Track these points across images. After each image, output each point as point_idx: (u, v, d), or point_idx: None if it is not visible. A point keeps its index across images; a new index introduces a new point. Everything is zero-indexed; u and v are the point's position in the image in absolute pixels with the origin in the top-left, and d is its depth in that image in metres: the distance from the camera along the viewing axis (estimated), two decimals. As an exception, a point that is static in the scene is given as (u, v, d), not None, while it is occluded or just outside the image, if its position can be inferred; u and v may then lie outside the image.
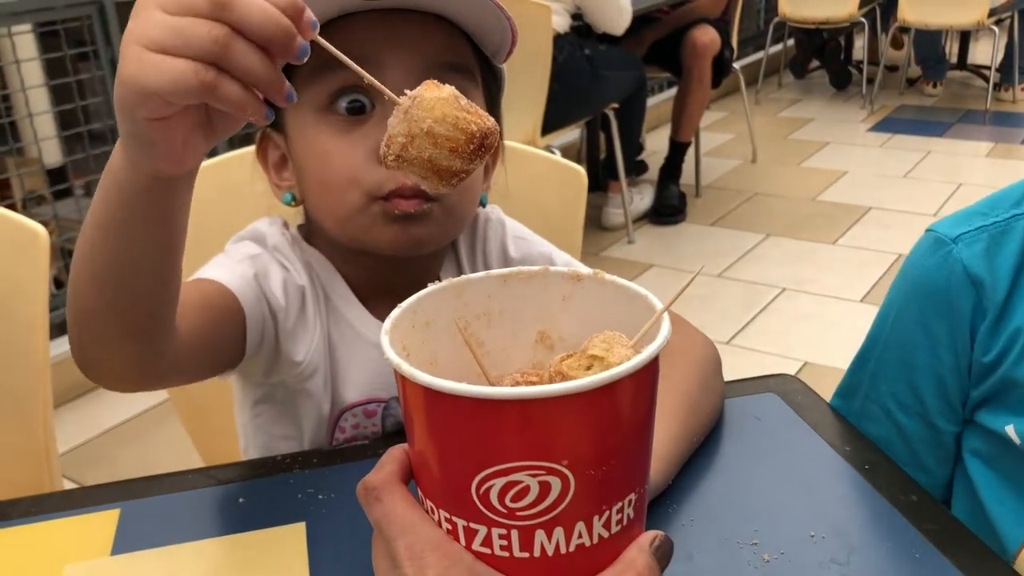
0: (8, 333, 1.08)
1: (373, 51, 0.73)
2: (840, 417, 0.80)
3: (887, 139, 4.54)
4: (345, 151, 0.75)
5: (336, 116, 0.75)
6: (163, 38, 0.45)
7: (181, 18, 0.45)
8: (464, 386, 0.41)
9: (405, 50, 0.74)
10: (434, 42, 0.75)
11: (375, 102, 0.75)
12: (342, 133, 0.75)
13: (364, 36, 0.73)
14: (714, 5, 3.60)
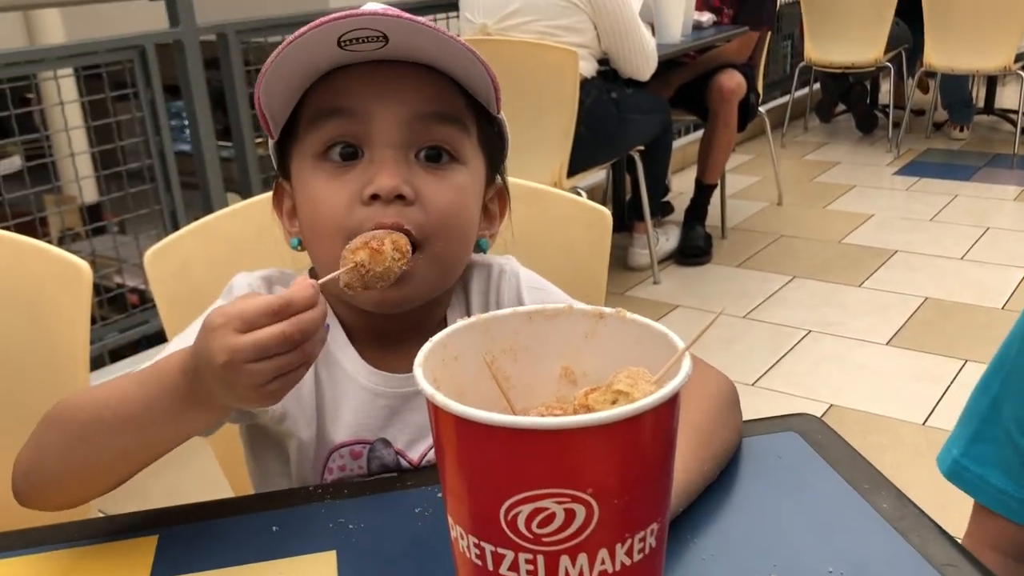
0: (51, 365, 1.12)
1: (361, 104, 0.76)
2: (859, 456, 0.81)
3: (914, 183, 4.55)
4: (331, 196, 0.77)
5: (329, 163, 0.78)
6: (257, 355, 0.59)
7: (258, 335, 0.59)
8: (496, 415, 0.43)
9: (393, 102, 0.76)
10: (423, 93, 0.77)
11: (364, 148, 0.77)
12: (332, 178, 0.78)
13: (353, 88, 0.76)
14: (740, 50, 3.64)
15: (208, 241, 1.20)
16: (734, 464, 0.79)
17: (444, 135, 0.78)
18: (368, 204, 0.75)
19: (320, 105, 0.77)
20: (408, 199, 0.76)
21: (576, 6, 2.85)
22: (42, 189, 2.92)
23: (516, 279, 0.91)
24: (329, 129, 0.77)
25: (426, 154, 0.78)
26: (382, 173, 0.75)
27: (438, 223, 0.77)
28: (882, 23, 4.74)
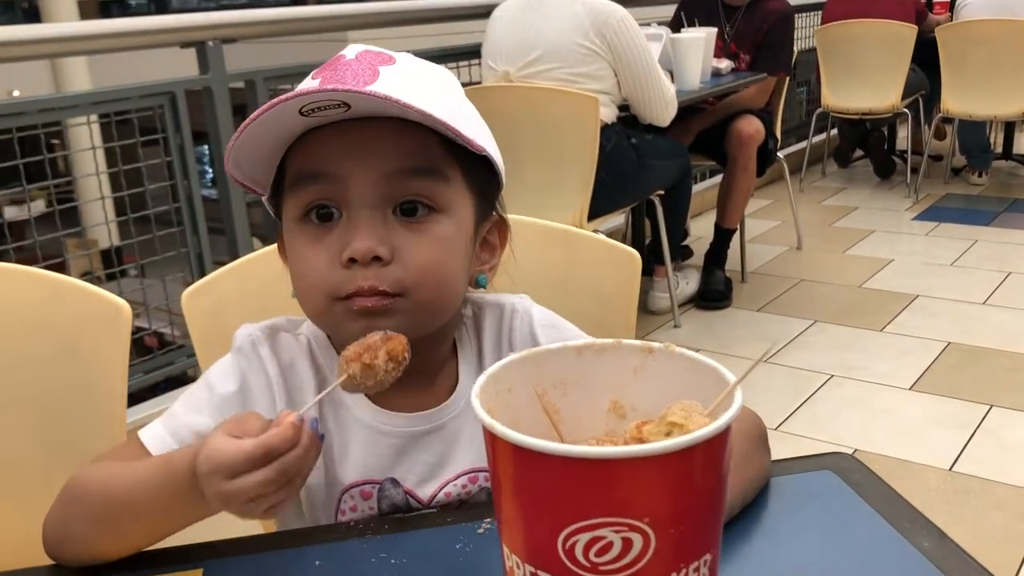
0: (91, 401, 1.13)
1: (334, 166, 0.77)
2: (898, 495, 0.81)
3: (933, 227, 4.55)
4: (312, 258, 0.78)
5: (309, 225, 0.79)
6: (248, 498, 0.65)
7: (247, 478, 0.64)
8: (554, 444, 0.44)
9: (366, 161, 0.76)
10: (396, 149, 0.77)
11: (342, 209, 0.78)
12: (312, 240, 0.78)
13: (326, 151, 0.77)
14: (758, 96, 3.68)
15: (242, 281, 1.22)
16: (772, 501, 0.80)
17: (421, 188, 0.78)
18: (347, 267, 0.76)
19: (297, 169, 0.79)
20: (385, 259, 0.76)
21: (597, 54, 2.90)
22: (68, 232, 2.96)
23: (529, 317, 0.91)
24: (306, 193, 0.78)
25: (403, 208, 0.78)
26: (357, 236, 0.76)
27: (418, 278, 0.78)
28: (899, 70, 4.78)
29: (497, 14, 3.10)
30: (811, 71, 5.54)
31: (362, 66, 0.77)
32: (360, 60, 0.78)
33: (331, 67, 0.79)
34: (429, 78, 0.81)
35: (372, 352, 0.71)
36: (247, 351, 0.85)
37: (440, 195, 0.79)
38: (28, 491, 1.15)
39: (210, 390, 0.83)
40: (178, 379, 3.34)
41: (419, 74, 0.80)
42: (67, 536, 0.78)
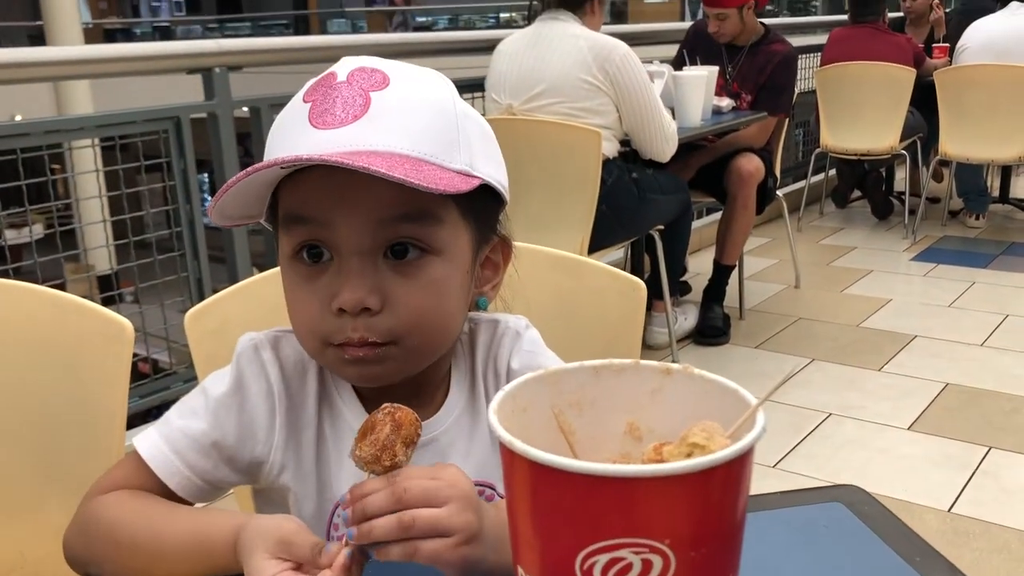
0: (90, 421, 1.12)
1: (323, 212, 0.75)
2: (909, 529, 0.81)
3: (931, 268, 4.56)
4: (304, 300, 0.77)
5: (301, 264, 0.77)
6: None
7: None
8: (574, 462, 0.44)
9: (352, 209, 0.74)
10: (385, 195, 0.73)
11: (332, 253, 0.76)
12: (304, 281, 0.77)
13: (315, 196, 0.75)
14: (759, 135, 3.71)
15: (246, 303, 1.21)
16: (781, 532, 0.79)
17: (412, 231, 0.76)
18: (337, 316, 0.75)
19: (287, 211, 0.77)
20: (375, 309, 0.75)
21: (600, 89, 2.92)
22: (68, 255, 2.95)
23: (517, 340, 0.89)
24: (297, 234, 0.77)
25: (394, 250, 0.76)
26: (346, 286, 0.74)
27: (409, 324, 0.76)
28: (897, 112, 4.82)
29: (501, 48, 3.13)
30: (809, 112, 5.59)
31: (352, 92, 0.75)
32: (351, 84, 0.75)
33: (322, 90, 0.76)
34: (422, 103, 0.77)
35: (390, 451, 0.67)
36: (248, 354, 0.84)
37: (433, 237, 0.77)
38: (23, 511, 1.14)
39: (205, 394, 0.82)
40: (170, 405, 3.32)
41: (411, 98, 0.77)
42: (92, 561, 0.79)
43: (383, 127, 0.73)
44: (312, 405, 0.84)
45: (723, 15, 3.69)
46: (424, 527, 0.64)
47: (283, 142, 0.76)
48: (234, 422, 0.81)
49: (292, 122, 0.76)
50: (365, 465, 0.67)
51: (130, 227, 2.77)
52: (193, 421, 0.81)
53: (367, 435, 0.67)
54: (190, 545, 0.74)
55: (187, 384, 2.88)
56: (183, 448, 0.80)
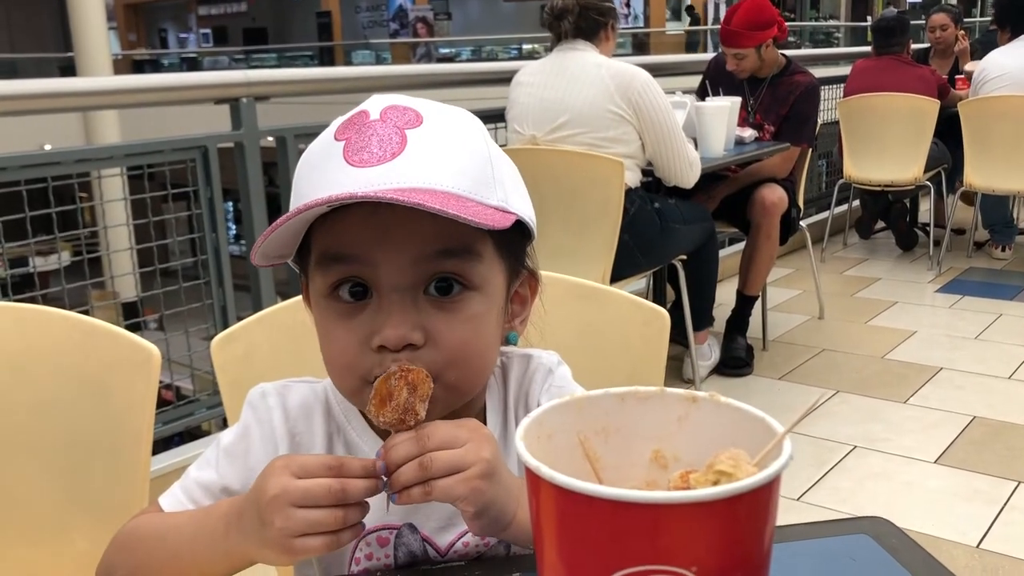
0: (117, 447, 1.13)
1: (364, 250, 0.74)
2: (937, 562, 0.80)
3: (956, 300, 4.52)
4: (342, 338, 0.77)
5: (339, 303, 0.77)
6: (301, 500, 0.66)
7: (308, 481, 0.66)
8: (601, 488, 0.44)
9: (395, 246, 0.74)
10: (427, 231, 0.74)
11: (372, 289, 0.76)
12: (342, 318, 0.77)
13: (355, 234, 0.74)
14: (782, 165, 3.70)
15: (272, 330, 1.22)
16: (807, 563, 0.78)
17: (453, 267, 0.76)
18: (378, 352, 0.75)
19: (324, 250, 0.76)
20: (417, 345, 0.75)
21: (624, 118, 2.94)
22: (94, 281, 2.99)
23: (549, 375, 0.90)
24: (334, 273, 0.76)
25: (437, 287, 0.76)
26: (389, 323, 0.74)
27: (451, 359, 0.76)
28: (921, 143, 4.81)
29: (520, 79, 3.15)
30: (832, 143, 5.58)
31: (388, 130, 0.75)
32: (385, 122, 0.76)
33: (355, 127, 0.76)
34: (457, 140, 0.78)
35: (412, 412, 0.70)
36: (255, 402, 0.86)
37: (473, 273, 0.77)
38: (48, 536, 1.15)
39: (217, 445, 0.85)
40: (191, 433, 3.34)
41: (446, 136, 0.77)
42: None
43: (422, 165, 0.74)
44: (320, 446, 0.85)
45: (741, 55, 3.71)
46: (442, 467, 0.68)
47: (320, 180, 0.75)
48: (240, 466, 0.83)
49: (325, 160, 0.76)
50: (391, 428, 0.71)
51: (156, 255, 2.80)
52: (206, 471, 0.84)
53: (386, 402, 0.71)
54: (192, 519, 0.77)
55: (210, 411, 2.90)
56: (198, 497, 0.83)
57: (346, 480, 0.66)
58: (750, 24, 3.65)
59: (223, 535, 0.71)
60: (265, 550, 0.68)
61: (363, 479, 0.67)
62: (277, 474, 0.67)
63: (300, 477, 0.66)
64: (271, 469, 0.68)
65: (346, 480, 0.66)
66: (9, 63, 13.02)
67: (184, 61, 17.48)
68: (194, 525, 0.75)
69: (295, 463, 0.67)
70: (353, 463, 0.67)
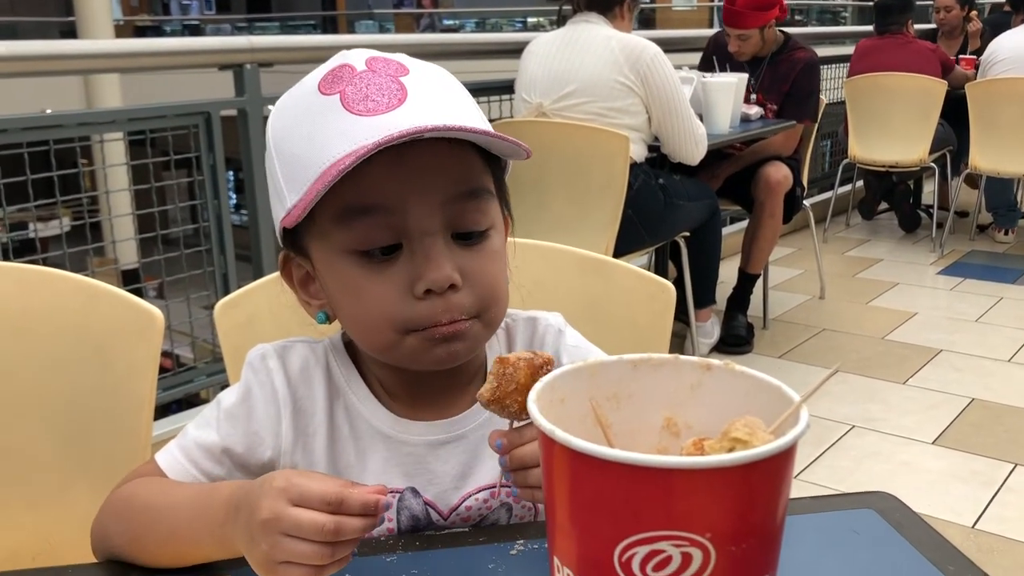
0: (118, 410, 1.12)
1: (393, 198, 0.74)
2: (942, 538, 0.80)
3: (958, 283, 4.52)
4: (378, 290, 0.75)
5: (367, 258, 0.75)
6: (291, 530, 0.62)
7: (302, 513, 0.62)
8: (615, 451, 0.43)
9: (423, 191, 0.74)
10: (449, 175, 0.75)
11: (403, 240, 0.75)
12: (374, 273, 0.75)
13: (382, 183, 0.73)
14: (786, 143, 3.69)
15: (275, 296, 1.21)
16: (812, 537, 0.78)
17: (476, 207, 0.77)
18: (422, 298, 0.75)
19: (349, 203, 0.74)
20: (458, 286, 0.76)
21: (631, 89, 2.92)
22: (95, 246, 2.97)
23: (559, 336, 0.91)
24: (362, 226, 0.74)
25: (463, 227, 0.77)
26: (431, 266, 0.74)
27: (486, 299, 0.78)
28: (927, 124, 4.78)
29: (531, 48, 3.13)
30: (837, 123, 5.55)
31: (382, 79, 0.75)
32: (376, 72, 0.75)
33: (345, 80, 0.75)
34: (445, 84, 0.79)
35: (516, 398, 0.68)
36: (256, 364, 0.85)
37: (489, 213, 0.79)
38: (50, 498, 1.15)
39: (218, 406, 0.84)
40: (189, 401, 3.34)
41: (436, 81, 0.78)
42: (108, 550, 0.80)
43: (430, 107, 0.73)
44: (322, 410, 0.84)
45: (745, 36, 3.68)
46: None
47: (325, 134, 0.73)
48: (242, 430, 0.82)
49: (319, 115, 0.74)
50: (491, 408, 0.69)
51: (158, 221, 2.79)
52: (206, 432, 0.83)
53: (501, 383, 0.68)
54: (194, 500, 0.74)
55: (210, 378, 2.90)
56: (197, 457, 0.82)
57: (341, 519, 0.62)
58: (754, 4, 3.61)
59: (220, 524, 0.70)
60: (249, 559, 0.67)
61: (360, 518, 0.63)
62: (273, 497, 0.64)
63: (296, 504, 0.63)
64: (270, 487, 0.64)
65: (341, 519, 0.62)
66: (9, 26, 12.92)
67: (187, 28, 17.34)
68: (194, 508, 0.73)
69: (294, 490, 0.63)
70: (353, 501, 0.62)
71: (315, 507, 0.62)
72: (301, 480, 0.64)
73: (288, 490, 0.63)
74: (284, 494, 0.63)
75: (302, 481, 0.64)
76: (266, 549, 0.63)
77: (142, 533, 0.76)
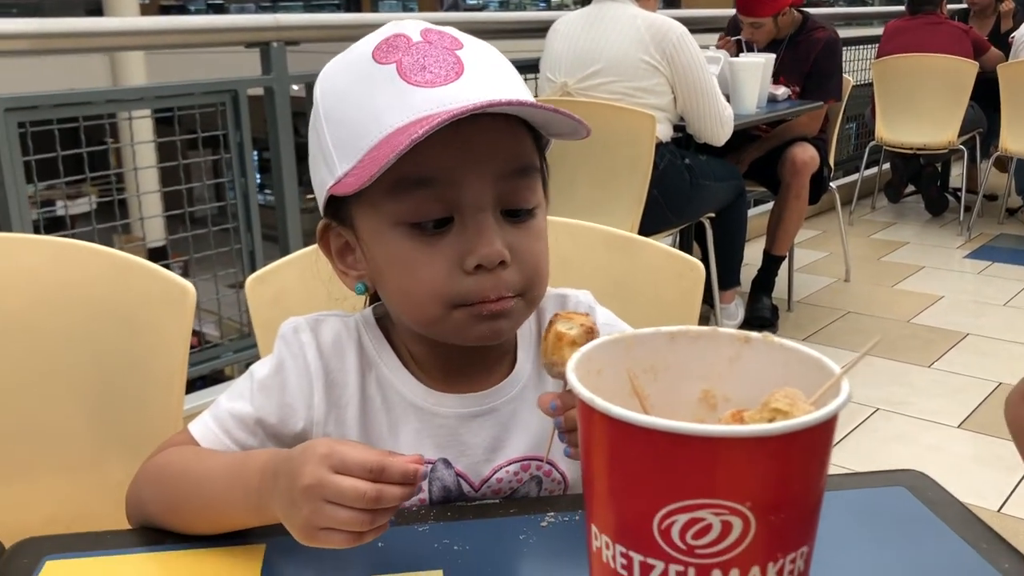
0: (148, 385, 1.14)
1: (449, 171, 0.74)
2: (975, 516, 0.79)
3: (986, 267, 4.47)
4: (428, 264, 0.76)
5: (418, 231, 0.75)
6: (333, 497, 0.63)
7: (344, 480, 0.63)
8: (659, 420, 0.43)
9: (478, 165, 0.74)
10: (503, 151, 0.76)
11: (455, 214, 0.75)
12: (424, 245, 0.75)
13: (437, 155, 0.73)
14: (810, 123, 3.65)
15: (304, 272, 1.22)
16: (844, 514, 0.78)
17: (524, 187, 0.78)
18: (471, 273, 0.75)
19: (403, 175, 0.73)
20: (507, 262, 0.76)
21: (657, 69, 2.90)
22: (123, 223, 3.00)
23: (592, 312, 0.91)
24: (416, 200, 0.74)
25: (508, 209, 0.77)
26: (482, 241, 0.74)
27: (532, 277, 0.78)
28: (957, 106, 4.71)
29: (557, 27, 3.12)
30: (863, 105, 5.48)
31: (439, 51, 0.75)
32: (432, 44, 0.75)
33: (401, 50, 0.75)
34: (497, 59, 0.79)
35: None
36: (288, 337, 0.85)
37: (537, 191, 0.80)
38: (84, 468, 1.16)
39: (251, 377, 0.85)
40: (214, 378, 3.37)
41: (489, 56, 0.78)
42: (143, 517, 0.80)
43: (488, 81, 0.74)
44: (354, 382, 0.85)
45: (758, 24, 3.64)
46: None
47: (380, 104, 0.73)
48: (275, 402, 0.83)
49: (374, 84, 0.74)
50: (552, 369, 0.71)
51: (186, 199, 2.81)
52: (239, 403, 0.83)
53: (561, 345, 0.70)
54: (229, 467, 0.75)
55: (237, 355, 2.92)
56: (231, 427, 0.82)
57: (382, 487, 0.63)
58: None
59: (256, 490, 0.70)
60: (287, 524, 0.68)
61: (399, 486, 0.64)
62: (316, 463, 0.64)
63: (338, 471, 0.64)
64: (312, 454, 0.65)
65: (382, 487, 0.63)
66: (35, 3, 13.00)
67: (211, 7, 17.37)
68: (229, 474, 0.74)
69: (336, 456, 0.64)
70: (394, 469, 0.63)
71: (356, 474, 0.63)
72: (343, 448, 0.65)
73: (330, 457, 0.64)
74: (326, 461, 0.64)
75: (344, 449, 0.64)
76: (307, 515, 0.64)
77: (177, 500, 0.77)
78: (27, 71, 4.57)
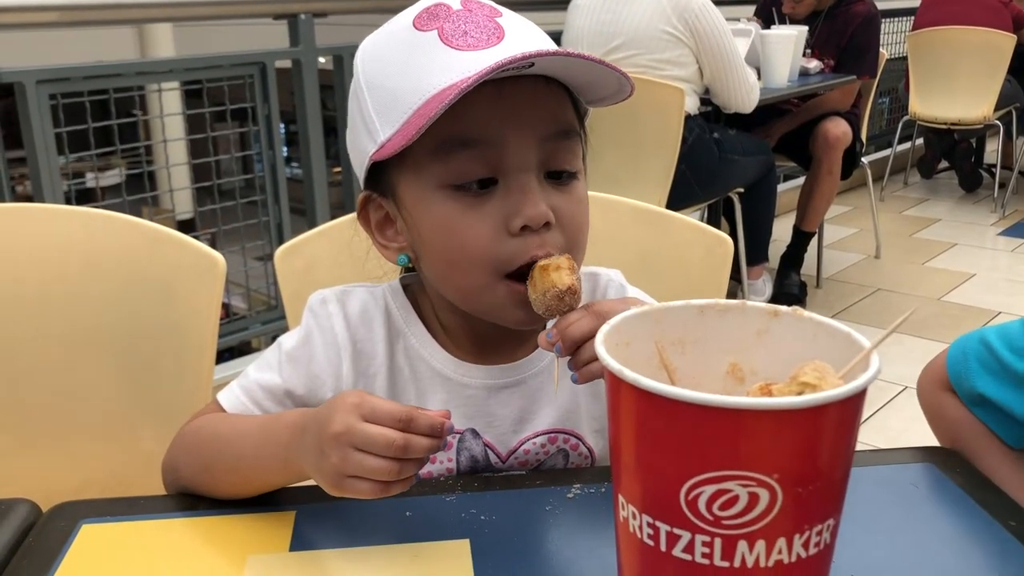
0: (181, 354, 1.15)
1: (492, 132, 0.74)
2: (1004, 494, 0.79)
3: (1019, 244, 4.40)
4: (473, 227, 0.75)
5: (463, 193, 0.75)
6: (362, 444, 0.65)
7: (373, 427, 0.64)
8: (687, 392, 0.43)
9: (522, 126, 0.75)
10: (546, 113, 0.76)
11: (499, 176, 0.75)
12: (469, 208, 0.75)
13: (482, 116, 0.74)
14: (843, 98, 3.60)
15: (334, 243, 1.23)
16: (872, 490, 0.77)
17: (567, 148, 0.78)
18: (517, 235, 0.75)
19: (448, 136, 0.73)
20: (552, 224, 0.76)
21: (680, 40, 2.86)
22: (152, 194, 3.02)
23: (623, 290, 0.91)
24: (460, 161, 0.74)
25: (554, 169, 0.77)
26: (528, 202, 0.74)
27: (574, 239, 0.78)
28: (993, 80, 4.63)
29: (578, 2, 3.08)
30: (896, 79, 5.39)
31: (479, 18, 0.75)
32: (472, 11, 0.75)
33: (442, 17, 0.75)
34: (534, 26, 0.79)
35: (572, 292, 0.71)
36: (316, 309, 0.86)
37: (579, 155, 0.80)
38: (117, 435, 1.18)
39: (279, 348, 0.86)
40: (241, 349, 3.41)
41: (525, 23, 0.79)
42: (178, 482, 0.82)
43: (528, 44, 0.74)
44: (382, 352, 0.85)
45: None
46: None
47: (422, 68, 0.73)
48: (303, 373, 0.84)
49: (416, 49, 0.74)
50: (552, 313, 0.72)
51: (214, 171, 2.82)
52: (267, 374, 0.84)
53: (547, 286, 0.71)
54: (260, 426, 0.76)
55: (265, 326, 2.95)
56: (260, 397, 0.83)
57: (410, 436, 0.64)
58: None
59: (284, 445, 0.72)
60: (316, 475, 0.69)
61: (427, 437, 0.65)
62: (345, 411, 0.65)
63: (367, 420, 0.65)
64: (342, 403, 0.66)
65: (410, 436, 0.64)
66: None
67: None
68: (261, 433, 0.75)
69: (366, 405, 0.65)
70: (421, 420, 0.65)
71: (385, 423, 0.64)
72: (373, 398, 0.66)
73: (360, 406, 0.65)
74: (356, 409, 0.65)
75: (374, 399, 0.66)
76: (336, 462, 0.65)
77: (210, 462, 0.78)
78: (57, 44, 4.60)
